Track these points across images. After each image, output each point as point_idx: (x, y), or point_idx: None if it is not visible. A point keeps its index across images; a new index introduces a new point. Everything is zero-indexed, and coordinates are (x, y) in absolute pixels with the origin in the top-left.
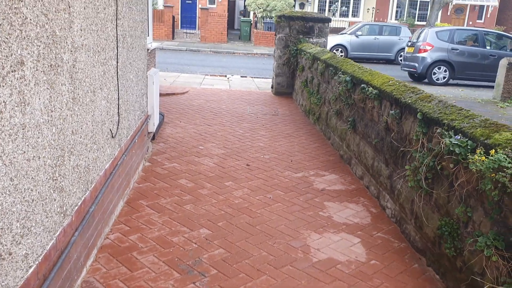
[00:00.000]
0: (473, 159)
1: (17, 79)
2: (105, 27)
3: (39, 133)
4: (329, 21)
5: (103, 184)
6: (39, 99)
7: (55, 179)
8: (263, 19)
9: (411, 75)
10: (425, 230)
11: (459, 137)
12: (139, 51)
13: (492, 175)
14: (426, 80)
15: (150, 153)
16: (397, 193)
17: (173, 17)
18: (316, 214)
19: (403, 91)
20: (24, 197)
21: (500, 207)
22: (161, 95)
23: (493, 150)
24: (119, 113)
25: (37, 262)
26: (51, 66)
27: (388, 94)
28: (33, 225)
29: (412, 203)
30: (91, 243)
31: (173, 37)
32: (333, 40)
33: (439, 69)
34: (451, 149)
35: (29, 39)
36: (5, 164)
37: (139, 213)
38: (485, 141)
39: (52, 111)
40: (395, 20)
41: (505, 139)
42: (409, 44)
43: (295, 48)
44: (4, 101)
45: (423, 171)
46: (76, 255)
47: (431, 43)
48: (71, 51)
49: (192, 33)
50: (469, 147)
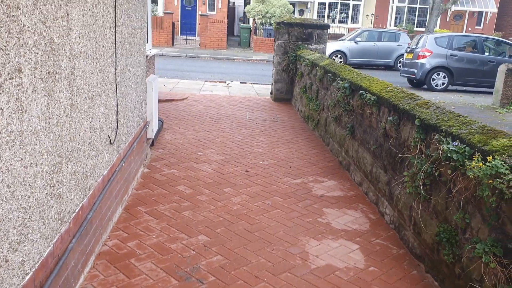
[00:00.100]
0: (470, 166)
1: (15, 86)
2: (103, 34)
3: (36, 140)
4: (328, 27)
5: (101, 190)
6: (37, 106)
7: (53, 186)
8: (263, 26)
9: (410, 81)
10: (423, 236)
11: (457, 144)
12: (138, 57)
13: (489, 182)
14: (425, 86)
15: (149, 159)
16: (395, 199)
17: (173, 24)
18: (314, 220)
19: (401, 97)
20: (21, 204)
21: (497, 214)
22: (161, 101)
23: (491, 156)
24: (117, 119)
25: (34, 269)
26: (49, 73)
27: (386, 100)
28: (30, 232)
29: (410, 209)
30: (89, 249)
31: (173, 44)
32: (332, 46)
33: (438, 75)
34: (449, 155)
35: (27, 46)
36: (2, 171)
37: (138, 219)
38: (483, 148)
39: (49, 118)
40: (394, 26)
41: (502, 145)
42: (408, 50)
43: (294, 54)
44: (1, 108)
45: (421, 178)
46: (73, 262)
47: (430, 49)
48: (69, 58)
49: (192, 40)
50: (466, 154)
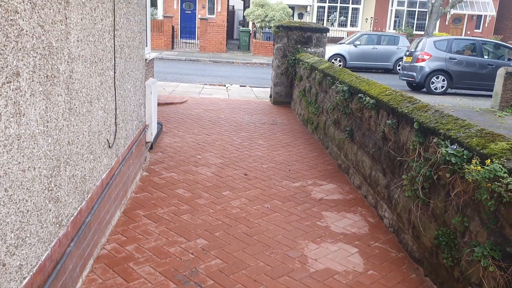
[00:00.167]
0: (469, 169)
1: (13, 90)
2: (102, 38)
3: (34, 143)
4: (327, 31)
5: (100, 194)
6: (35, 109)
7: (51, 190)
8: (262, 29)
9: (409, 84)
10: (422, 240)
11: (455, 147)
12: (137, 61)
13: (488, 185)
14: (424, 89)
15: (147, 162)
16: (394, 202)
17: (173, 27)
18: (313, 224)
19: (400, 100)
20: (18, 208)
21: (496, 217)
22: (160, 104)
23: (489, 160)
24: (116, 123)
25: (32, 273)
26: (47, 77)
27: (385, 103)
28: (28, 235)
29: (409, 212)
30: (87, 253)
31: (172, 47)
32: (331, 49)
33: (437, 78)
34: (447, 158)
35: (25, 50)
36: None
37: (136, 223)
38: (481, 151)
39: (48, 122)
40: (393, 29)
41: (500, 149)
42: (407, 53)
43: (293, 58)
44: None
45: (420, 181)
46: (71, 265)
47: (429, 52)
48: (68, 62)
49: (191, 43)
50: (465, 157)
